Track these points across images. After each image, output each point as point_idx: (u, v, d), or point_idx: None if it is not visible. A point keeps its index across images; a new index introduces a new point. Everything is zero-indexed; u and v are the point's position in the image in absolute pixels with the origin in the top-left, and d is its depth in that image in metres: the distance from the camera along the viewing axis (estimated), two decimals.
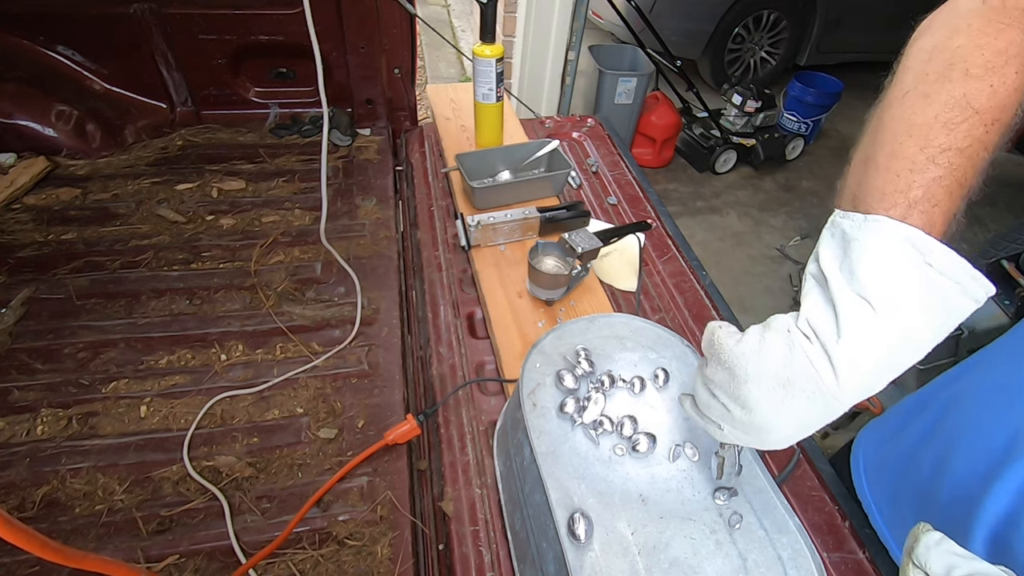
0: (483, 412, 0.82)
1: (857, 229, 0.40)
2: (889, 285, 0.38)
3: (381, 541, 0.71)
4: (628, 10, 2.83)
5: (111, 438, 0.80)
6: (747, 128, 3.24)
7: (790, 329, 0.42)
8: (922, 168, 0.39)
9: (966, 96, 0.39)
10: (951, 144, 0.39)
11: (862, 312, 0.38)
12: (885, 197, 0.40)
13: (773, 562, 0.51)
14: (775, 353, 0.42)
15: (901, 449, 0.67)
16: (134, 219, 1.15)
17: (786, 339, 0.42)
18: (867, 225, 0.39)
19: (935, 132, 0.39)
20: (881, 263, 0.38)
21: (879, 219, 0.39)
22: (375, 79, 1.38)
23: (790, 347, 0.41)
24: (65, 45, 1.26)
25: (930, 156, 0.39)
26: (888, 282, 0.38)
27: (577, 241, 0.88)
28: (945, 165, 0.39)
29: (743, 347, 0.44)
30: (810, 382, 0.40)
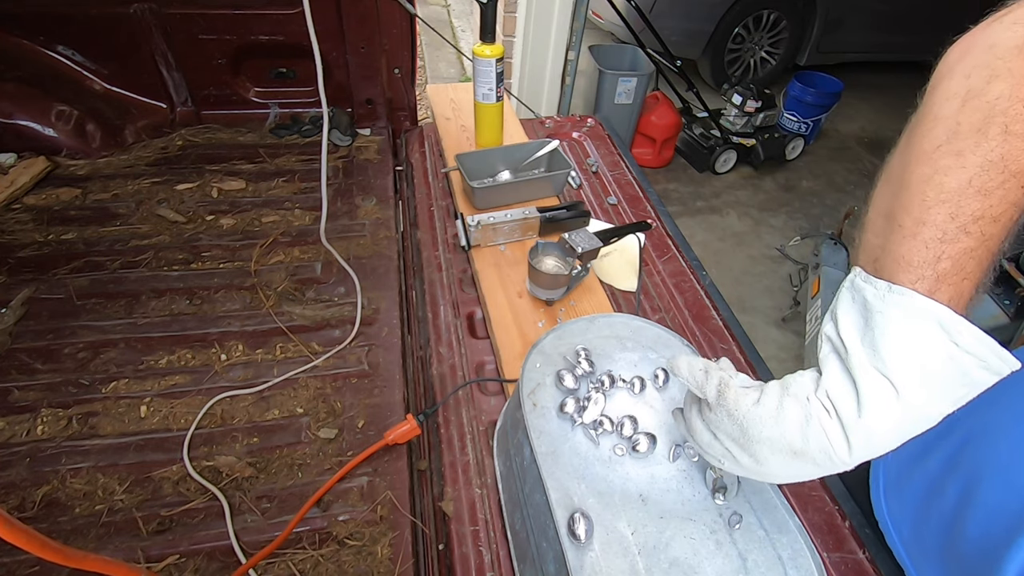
0: (483, 412, 0.82)
1: (880, 300, 0.38)
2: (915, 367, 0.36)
3: (381, 541, 0.71)
4: (628, 10, 2.83)
5: (111, 438, 0.80)
6: (747, 128, 3.24)
7: (809, 398, 0.41)
8: (953, 238, 0.36)
9: (1004, 159, 0.35)
10: (984, 212, 0.36)
11: (885, 393, 0.37)
12: (912, 268, 0.37)
13: (773, 562, 0.51)
14: (792, 422, 0.41)
15: (925, 472, 0.65)
16: (134, 219, 1.15)
17: (804, 409, 0.41)
18: (891, 298, 0.37)
19: (968, 199, 0.36)
20: (906, 343, 0.36)
21: (905, 292, 0.37)
22: (375, 79, 1.38)
23: (807, 418, 0.40)
24: (65, 45, 1.26)
25: (962, 225, 0.36)
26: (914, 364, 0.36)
27: (577, 241, 0.88)
28: (977, 235, 0.36)
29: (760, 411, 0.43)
30: (822, 453, 0.40)
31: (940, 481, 0.62)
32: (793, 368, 2.10)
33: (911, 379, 0.36)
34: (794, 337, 2.37)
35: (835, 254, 2.13)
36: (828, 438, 0.39)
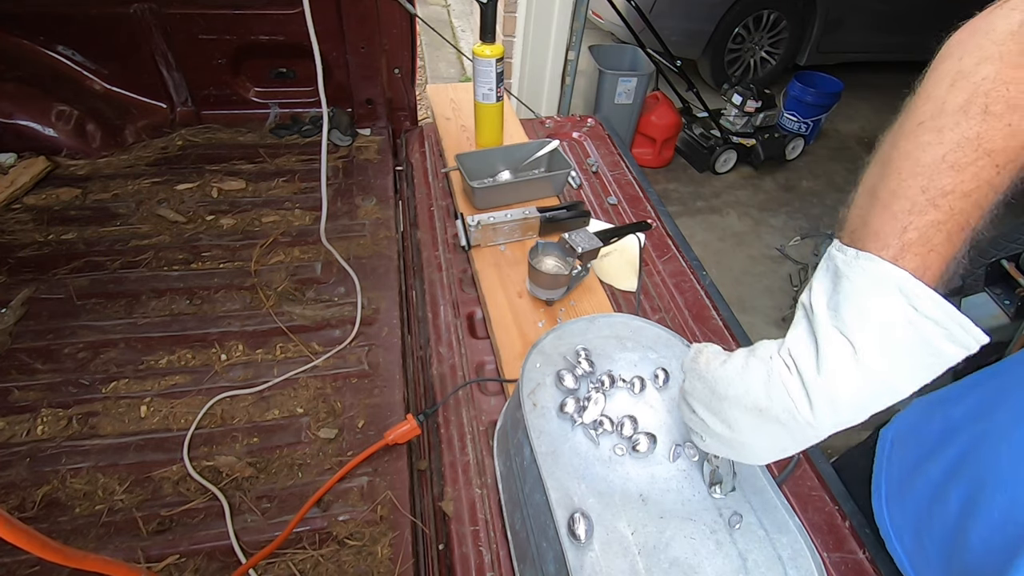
0: (483, 412, 0.82)
1: (847, 266, 0.39)
2: (871, 328, 0.37)
3: (381, 541, 0.71)
4: (628, 10, 2.83)
5: (111, 438, 0.80)
6: (747, 128, 3.24)
7: (772, 357, 0.42)
8: (921, 210, 0.38)
9: (979, 137, 0.37)
10: (955, 187, 0.37)
11: (843, 351, 0.38)
12: (879, 236, 0.39)
13: (773, 562, 0.51)
14: (755, 379, 0.43)
15: (928, 479, 0.64)
16: (134, 219, 1.15)
17: (767, 366, 0.42)
18: (857, 263, 0.39)
19: (940, 174, 0.37)
20: (866, 305, 0.38)
21: (871, 258, 0.38)
22: (375, 79, 1.38)
23: (769, 374, 0.42)
24: (65, 45, 1.26)
25: (931, 199, 0.37)
26: (870, 322, 0.37)
27: (577, 241, 0.88)
28: (946, 209, 0.37)
29: (726, 370, 0.45)
30: (786, 411, 0.41)
31: (943, 488, 0.61)
32: None
33: (869, 339, 0.37)
34: None
35: None
36: (789, 394, 0.41)
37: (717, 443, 0.48)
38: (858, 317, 0.38)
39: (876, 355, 0.37)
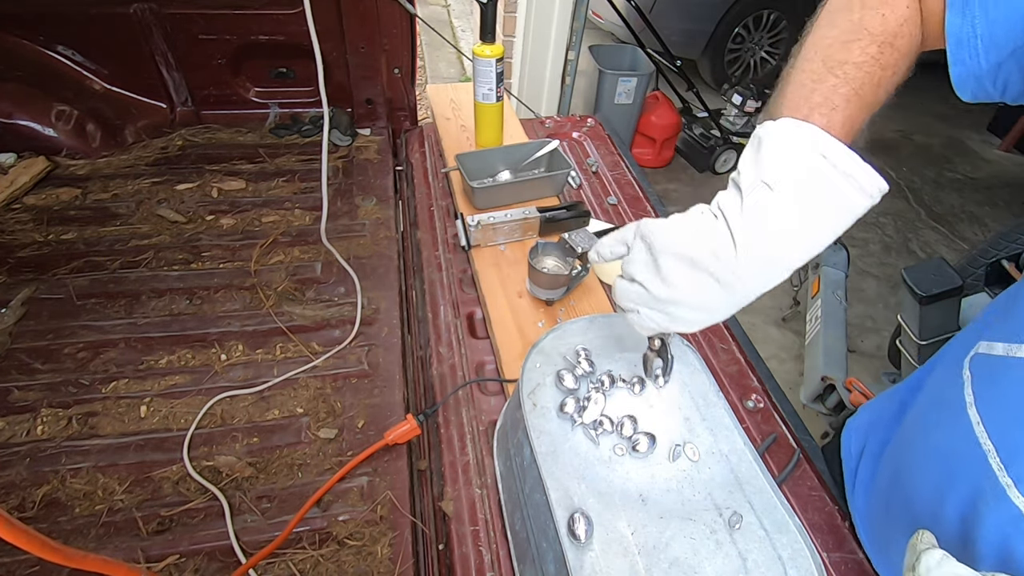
0: (483, 412, 0.82)
1: (765, 131, 0.45)
2: (784, 168, 0.43)
3: (381, 541, 0.71)
4: (628, 10, 2.83)
5: (111, 438, 0.80)
6: (747, 128, 3.24)
7: (703, 211, 0.47)
8: (822, 78, 0.45)
9: (862, 20, 0.46)
10: (847, 59, 0.45)
11: (762, 191, 0.43)
12: (791, 104, 0.46)
13: (773, 562, 0.51)
14: (687, 227, 0.47)
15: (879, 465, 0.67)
16: (134, 219, 1.15)
17: (698, 217, 0.47)
18: (773, 127, 0.45)
19: (835, 49, 0.46)
20: (780, 152, 0.43)
21: (784, 120, 0.44)
22: (375, 79, 1.38)
23: (699, 221, 0.47)
24: (65, 45, 1.26)
25: (829, 68, 0.46)
26: (783, 166, 0.43)
27: (577, 241, 0.88)
28: (842, 76, 0.45)
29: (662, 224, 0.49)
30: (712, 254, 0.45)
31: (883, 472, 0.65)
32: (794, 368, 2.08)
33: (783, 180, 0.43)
34: (794, 337, 2.37)
35: (835, 254, 2.12)
36: (715, 234, 0.45)
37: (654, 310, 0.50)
38: (774, 165, 0.43)
39: (790, 194, 0.43)
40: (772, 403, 0.84)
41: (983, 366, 0.50)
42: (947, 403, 0.53)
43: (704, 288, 0.46)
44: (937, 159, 3.61)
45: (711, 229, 0.45)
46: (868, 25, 0.46)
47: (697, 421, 0.61)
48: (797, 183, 0.42)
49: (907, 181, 3.40)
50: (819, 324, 1.91)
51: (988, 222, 3.14)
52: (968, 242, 2.98)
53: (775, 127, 0.44)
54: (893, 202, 3.23)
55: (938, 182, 3.42)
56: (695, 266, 0.46)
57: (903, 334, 1.70)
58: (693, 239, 0.46)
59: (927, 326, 1.58)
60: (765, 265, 0.44)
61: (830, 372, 1.73)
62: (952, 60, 0.45)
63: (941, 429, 0.54)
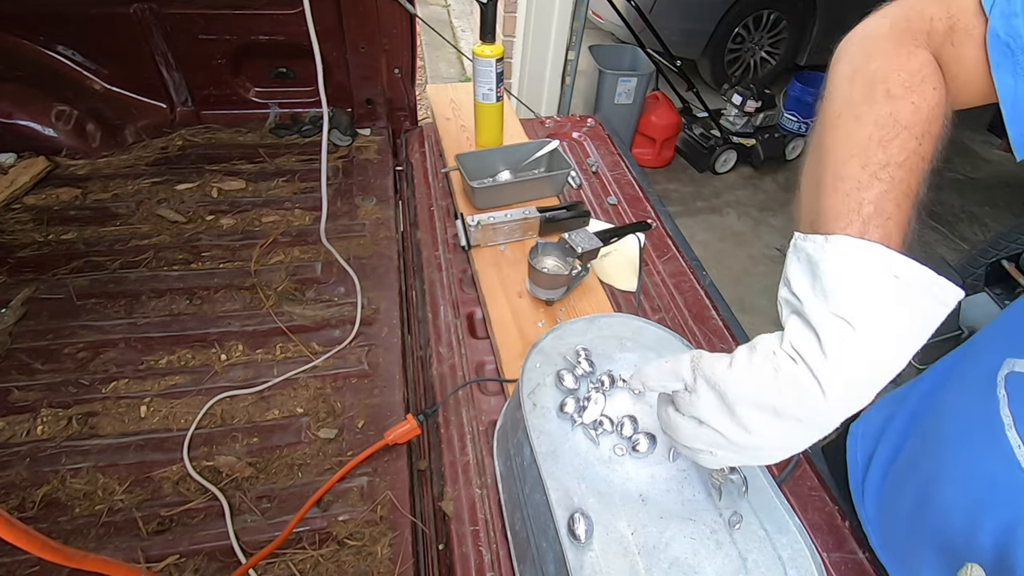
0: (483, 412, 0.82)
1: (820, 251, 0.41)
2: (862, 301, 0.39)
3: (381, 541, 0.71)
4: (628, 10, 2.83)
5: (111, 438, 0.80)
6: (747, 128, 3.24)
7: (775, 352, 0.42)
8: (867, 185, 0.41)
9: (892, 114, 0.42)
10: (889, 159, 0.41)
11: (842, 330, 0.39)
12: (840, 217, 0.41)
13: (773, 562, 0.51)
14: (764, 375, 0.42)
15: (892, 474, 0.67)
16: (134, 219, 1.15)
17: (772, 362, 0.42)
18: (829, 245, 0.40)
19: (872, 150, 0.42)
20: (850, 281, 0.39)
21: (840, 238, 0.40)
22: (375, 79, 1.38)
23: (776, 369, 0.42)
24: (65, 45, 1.26)
25: (872, 173, 0.41)
26: (861, 298, 0.39)
27: (577, 241, 0.88)
28: (887, 180, 0.41)
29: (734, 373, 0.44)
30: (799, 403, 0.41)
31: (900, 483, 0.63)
32: None
33: (863, 314, 0.39)
34: None
35: None
36: (800, 386, 0.40)
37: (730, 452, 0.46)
38: (848, 296, 0.39)
39: (873, 328, 0.39)
40: None
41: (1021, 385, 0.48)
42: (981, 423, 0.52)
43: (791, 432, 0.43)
44: None
45: (793, 377, 0.41)
46: (902, 118, 0.42)
47: None
48: (880, 317, 0.38)
49: None
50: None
51: (988, 222, 3.14)
52: (968, 242, 2.98)
53: (832, 248, 0.40)
54: None
55: (938, 182, 3.43)
56: (779, 415, 0.42)
57: None
58: (774, 389, 0.41)
59: None
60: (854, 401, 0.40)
61: None
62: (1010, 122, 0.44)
63: (976, 451, 0.52)
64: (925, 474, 0.59)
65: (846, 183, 0.42)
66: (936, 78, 0.44)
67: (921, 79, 0.43)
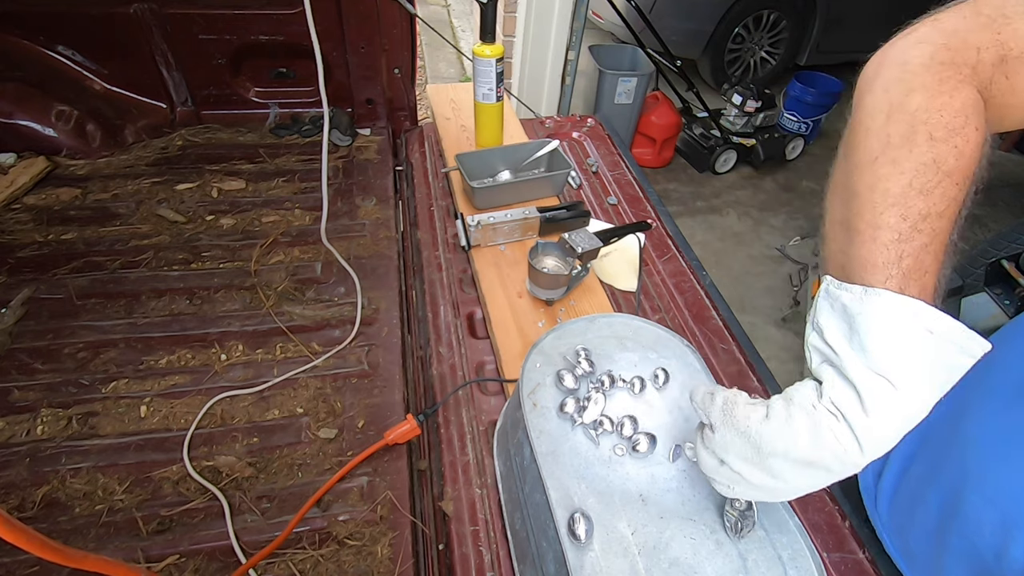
0: (483, 412, 0.82)
1: (859, 303, 0.40)
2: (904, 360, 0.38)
3: (381, 541, 0.71)
4: (628, 10, 2.83)
5: (111, 438, 0.80)
6: (747, 128, 3.24)
7: (815, 406, 0.42)
8: (908, 237, 0.40)
9: (935, 161, 0.40)
10: (930, 210, 0.40)
11: (884, 390, 0.39)
12: (879, 269, 0.40)
13: (773, 562, 0.51)
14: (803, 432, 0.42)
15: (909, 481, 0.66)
16: (134, 219, 1.15)
17: (812, 417, 0.42)
18: (869, 299, 0.39)
19: (912, 199, 0.40)
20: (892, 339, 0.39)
21: (879, 292, 0.39)
22: (375, 79, 1.38)
23: (816, 426, 0.41)
24: (65, 45, 1.26)
25: (913, 224, 0.40)
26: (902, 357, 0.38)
27: (577, 241, 0.88)
28: (928, 232, 0.40)
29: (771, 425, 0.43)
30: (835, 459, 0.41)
31: (922, 492, 0.62)
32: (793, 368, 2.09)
33: (905, 372, 0.38)
34: (794, 337, 2.37)
35: None
36: (840, 442, 0.40)
37: (750, 492, 0.47)
38: (888, 354, 0.39)
39: (913, 386, 0.38)
40: None
41: None
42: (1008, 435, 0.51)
43: (818, 479, 0.43)
44: None
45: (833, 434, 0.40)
46: (944, 165, 0.40)
47: (697, 421, 0.61)
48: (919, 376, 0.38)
49: None
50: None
51: (988, 222, 3.14)
52: (968, 242, 2.98)
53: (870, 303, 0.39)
54: None
55: None
56: (812, 467, 0.42)
57: None
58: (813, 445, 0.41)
59: None
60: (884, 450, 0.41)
61: None
62: None
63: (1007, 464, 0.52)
64: (949, 486, 0.58)
65: (884, 233, 0.40)
66: (979, 118, 0.42)
67: (965, 120, 0.41)
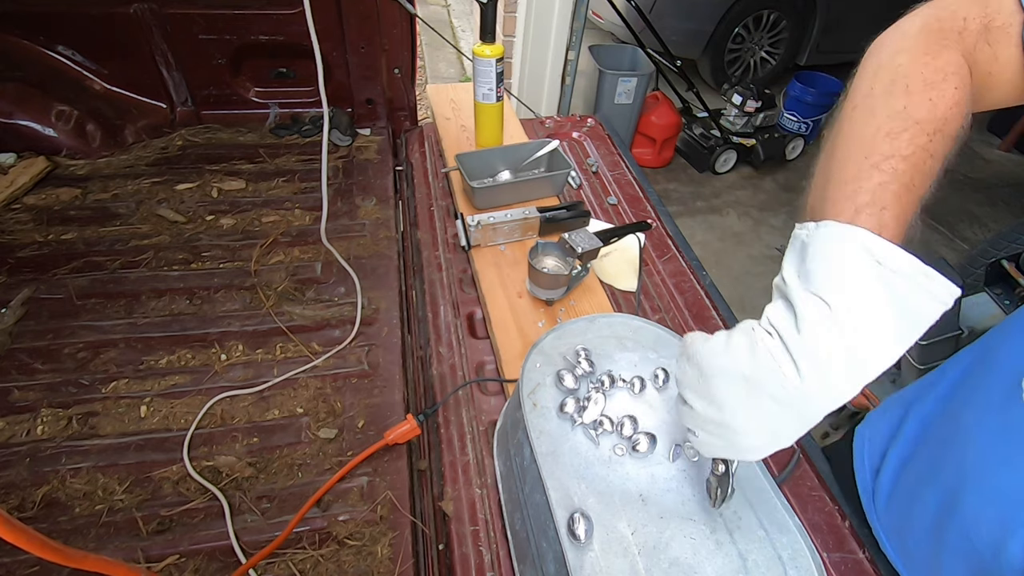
0: (483, 412, 0.82)
1: (810, 236, 0.41)
2: (840, 282, 0.38)
3: (381, 541, 0.71)
4: (628, 10, 2.83)
5: (111, 438, 0.80)
6: (747, 128, 3.24)
7: (754, 328, 0.43)
8: (867, 175, 0.41)
9: (907, 108, 0.42)
10: (894, 152, 0.41)
11: (818, 308, 0.39)
12: (835, 204, 0.42)
13: (773, 562, 0.51)
14: (740, 349, 0.43)
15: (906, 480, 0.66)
16: (134, 219, 1.15)
17: (750, 337, 0.42)
18: (818, 231, 0.41)
19: (878, 142, 0.42)
20: (831, 262, 0.39)
21: (828, 223, 0.40)
22: (375, 79, 1.38)
23: (752, 343, 0.42)
24: (65, 45, 1.26)
25: (874, 163, 0.41)
26: (839, 279, 0.39)
27: (577, 241, 0.88)
28: (889, 172, 0.41)
29: (710, 345, 0.45)
30: (773, 378, 0.40)
31: (920, 490, 0.62)
32: None
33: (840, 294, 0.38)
34: None
35: None
36: (775, 358, 0.40)
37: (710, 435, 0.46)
38: (827, 276, 0.39)
39: (849, 309, 0.38)
40: None
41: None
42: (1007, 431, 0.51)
43: (764, 412, 0.42)
44: None
45: (767, 350, 0.41)
46: (915, 113, 0.42)
47: None
48: (855, 298, 0.38)
49: None
50: None
51: (988, 222, 3.14)
52: (968, 242, 2.98)
53: (819, 231, 0.40)
54: None
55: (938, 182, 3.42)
56: (752, 390, 0.42)
57: None
58: (748, 362, 0.42)
59: None
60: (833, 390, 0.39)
61: None
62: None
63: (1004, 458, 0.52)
64: (946, 484, 0.58)
65: (847, 171, 0.42)
66: (959, 78, 0.43)
67: (943, 77, 0.43)
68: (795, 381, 0.40)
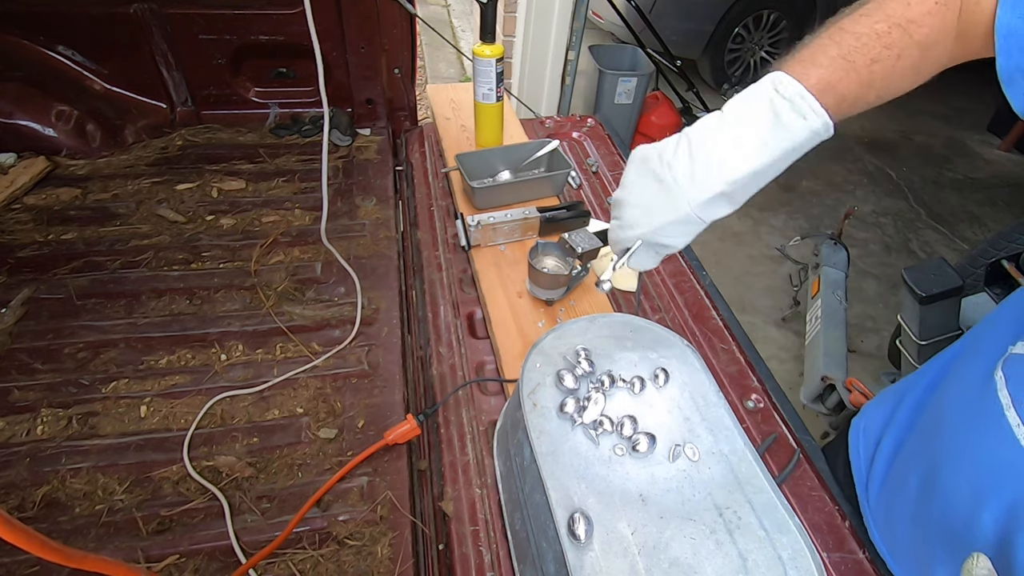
0: (483, 412, 0.82)
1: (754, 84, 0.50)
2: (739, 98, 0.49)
3: (381, 541, 0.71)
4: (628, 10, 2.83)
5: (111, 438, 0.80)
6: None
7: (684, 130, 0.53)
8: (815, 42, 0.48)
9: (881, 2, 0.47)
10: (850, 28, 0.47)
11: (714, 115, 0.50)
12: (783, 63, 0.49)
13: (773, 562, 0.51)
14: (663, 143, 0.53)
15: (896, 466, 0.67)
16: (134, 219, 1.15)
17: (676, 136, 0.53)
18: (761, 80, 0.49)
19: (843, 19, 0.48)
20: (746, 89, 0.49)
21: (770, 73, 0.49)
22: (375, 79, 1.38)
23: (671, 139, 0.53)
24: (65, 45, 1.26)
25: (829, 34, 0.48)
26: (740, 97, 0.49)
27: (577, 241, 0.88)
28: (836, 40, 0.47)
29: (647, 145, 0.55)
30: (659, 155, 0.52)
31: (904, 472, 0.64)
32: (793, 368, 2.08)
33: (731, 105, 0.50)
34: (794, 337, 2.37)
35: (835, 254, 2.13)
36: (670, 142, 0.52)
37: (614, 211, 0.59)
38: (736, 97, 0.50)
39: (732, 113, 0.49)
40: (772, 403, 0.84)
41: (1018, 366, 0.49)
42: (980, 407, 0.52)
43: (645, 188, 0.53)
44: (937, 159, 3.61)
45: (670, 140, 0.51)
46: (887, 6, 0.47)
47: (697, 421, 0.61)
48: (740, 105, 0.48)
49: (907, 181, 3.40)
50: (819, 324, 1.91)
51: (988, 222, 3.14)
52: (968, 242, 2.98)
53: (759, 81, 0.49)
54: (893, 202, 3.23)
55: (938, 182, 3.42)
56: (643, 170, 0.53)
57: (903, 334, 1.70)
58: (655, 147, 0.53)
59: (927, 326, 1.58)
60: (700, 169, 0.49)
61: (830, 372, 1.73)
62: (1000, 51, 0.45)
63: (977, 434, 0.52)
64: (927, 464, 0.59)
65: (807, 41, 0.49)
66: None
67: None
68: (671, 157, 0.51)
